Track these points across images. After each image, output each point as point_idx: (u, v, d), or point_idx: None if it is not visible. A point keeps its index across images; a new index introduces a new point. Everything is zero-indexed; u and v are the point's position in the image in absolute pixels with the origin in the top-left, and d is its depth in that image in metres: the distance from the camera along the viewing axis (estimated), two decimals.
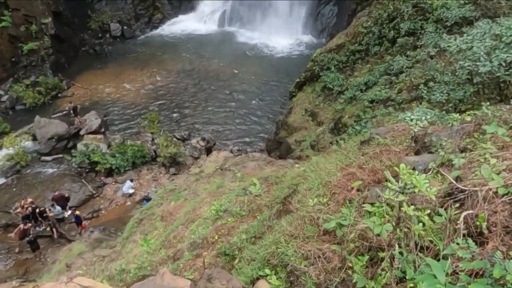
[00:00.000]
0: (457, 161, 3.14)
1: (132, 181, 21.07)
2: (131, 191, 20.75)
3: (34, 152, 23.34)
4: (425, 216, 2.79)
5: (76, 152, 21.90)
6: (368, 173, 4.63)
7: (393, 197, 2.75)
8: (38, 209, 18.16)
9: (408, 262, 2.79)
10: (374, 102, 14.70)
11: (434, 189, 2.67)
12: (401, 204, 2.71)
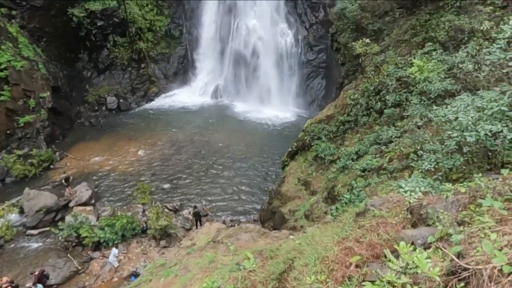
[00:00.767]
0: (457, 237, 3.07)
1: (117, 248, 20.27)
2: (116, 264, 19.83)
3: (20, 226, 22.58)
4: None
5: (64, 225, 21.20)
6: (366, 248, 4.48)
7: (395, 279, 2.62)
8: None
9: None
10: (366, 171, 14.81)
11: (438, 269, 2.57)
12: (405, 286, 2.58)
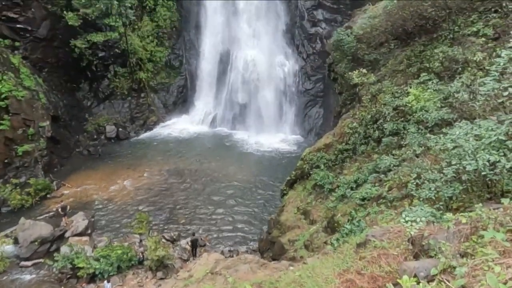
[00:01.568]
0: (460, 270, 3.02)
1: (109, 282, 19.72)
2: None
3: (14, 257, 22.07)
4: None
5: (59, 256, 20.74)
6: (368, 280, 4.40)
7: None
8: None
9: None
10: (366, 200, 14.70)
11: None
12: None
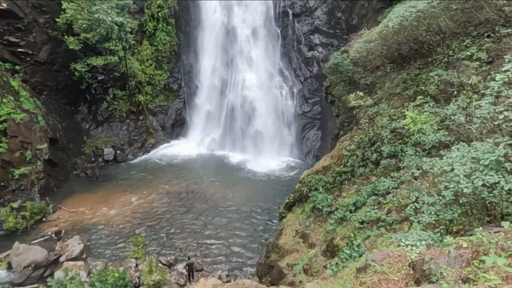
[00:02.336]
0: None
1: None
2: None
3: (7, 283, 21.61)
4: None
5: (52, 281, 20.28)
6: None
7: None
8: None
9: None
10: (365, 223, 14.58)
11: None
12: None
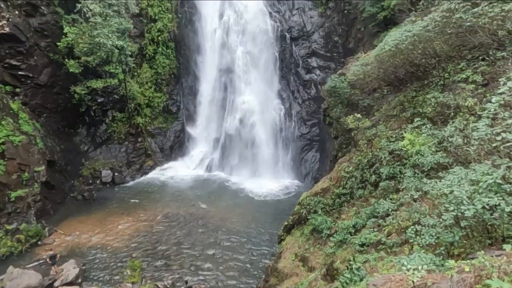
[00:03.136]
0: None
1: None
2: None
3: None
4: None
5: None
6: None
7: None
8: None
9: None
10: (365, 246, 14.41)
11: None
12: None
